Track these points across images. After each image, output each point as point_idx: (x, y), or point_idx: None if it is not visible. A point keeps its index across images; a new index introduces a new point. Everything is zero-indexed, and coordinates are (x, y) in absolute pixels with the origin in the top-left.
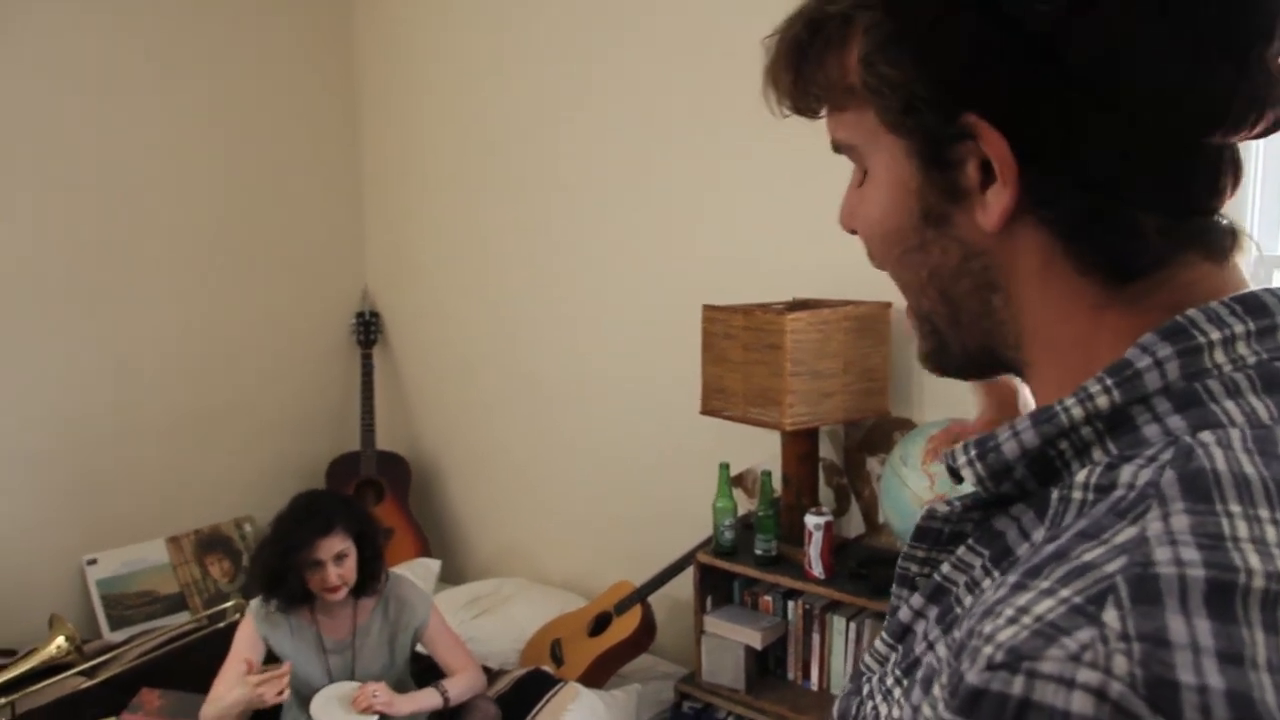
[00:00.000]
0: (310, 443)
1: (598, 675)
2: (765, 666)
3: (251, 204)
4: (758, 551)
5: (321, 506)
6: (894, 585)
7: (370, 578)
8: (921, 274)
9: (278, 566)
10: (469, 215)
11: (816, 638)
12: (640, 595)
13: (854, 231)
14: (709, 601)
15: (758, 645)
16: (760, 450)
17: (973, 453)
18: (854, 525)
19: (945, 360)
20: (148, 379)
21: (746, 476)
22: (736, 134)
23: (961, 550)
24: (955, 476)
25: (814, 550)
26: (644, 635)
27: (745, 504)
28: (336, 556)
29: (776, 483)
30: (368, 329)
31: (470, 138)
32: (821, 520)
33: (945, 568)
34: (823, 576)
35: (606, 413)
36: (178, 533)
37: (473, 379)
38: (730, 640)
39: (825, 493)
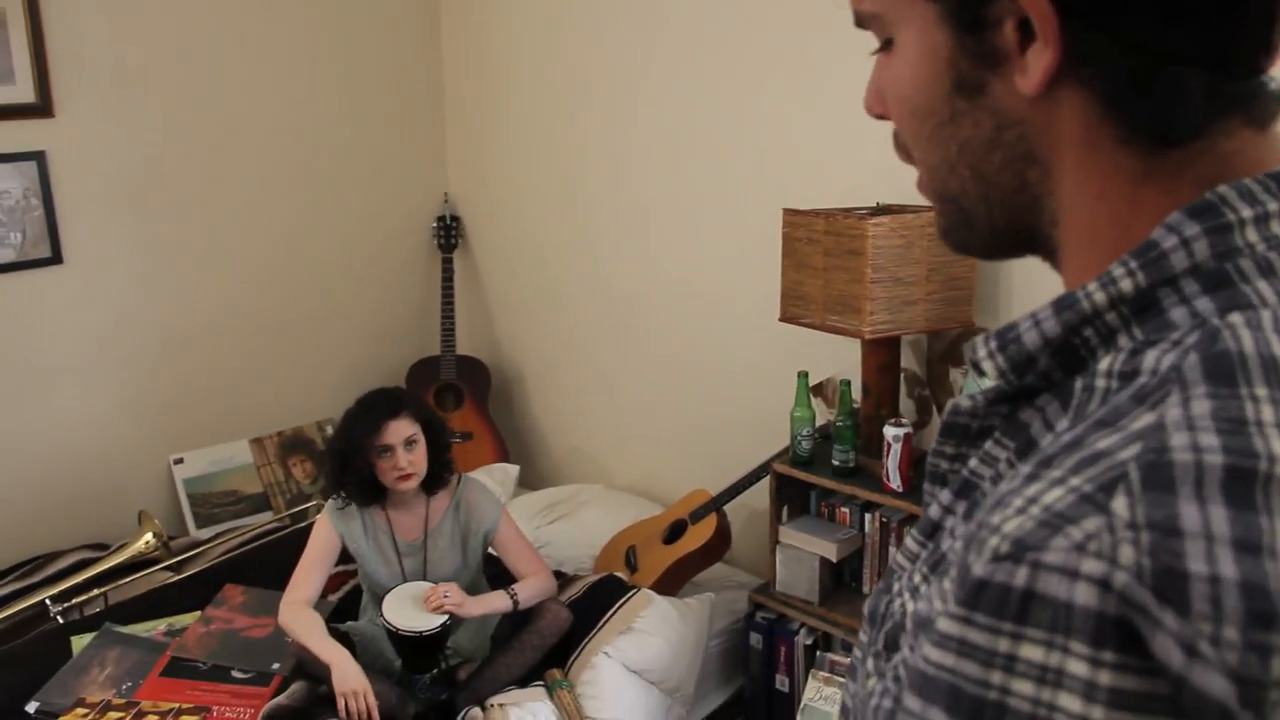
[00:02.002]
0: (391, 347)
1: (671, 583)
2: (840, 579)
3: (333, 110)
4: (835, 462)
5: (389, 393)
6: (925, 482)
7: (441, 470)
8: (951, 150)
9: (347, 450)
10: (551, 119)
11: (893, 551)
12: (716, 504)
13: (882, 116)
14: (785, 512)
15: (833, 557)
16: (840, 359)
17: (993, 344)
18: (934, 437)
19: (969, 239)
20: (234, 285)
21: (826, 386)
22: (822, 36)
23: (988, 444)
24: (978, 370)
25: (892, 462)
26: (719, 544)
27: (824, 414)
28: (406, 442)
29: (856, 392)
30: (448, 233)
31: (553, 40)
32: (901, 432)
33: (973, 462)
34: (901, 489)
35: (685, 318)
36: (262, 434)
37: (552, 284)
38: (805, 552)
39: (906, 404)
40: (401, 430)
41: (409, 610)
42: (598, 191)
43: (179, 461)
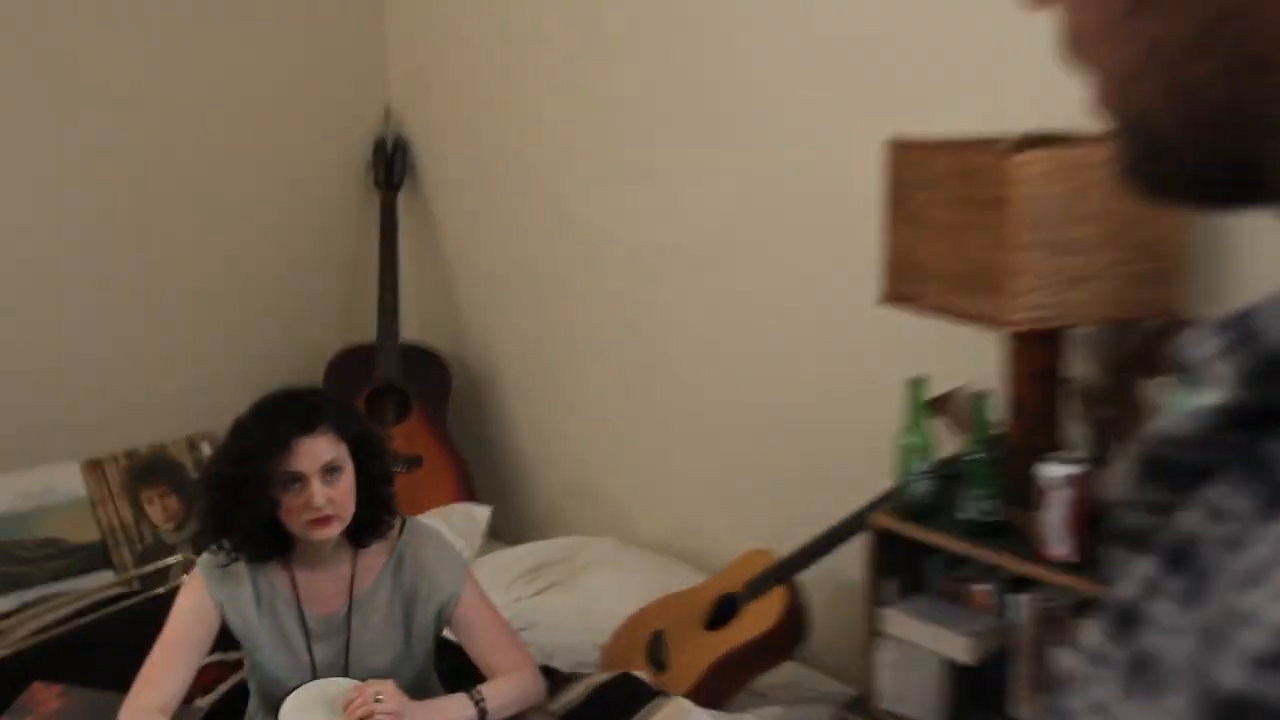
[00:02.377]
0: (304, 329)
1: (717, 689)
2: (976, 693)
3: None
4: (966, 515)
5: (299, 397)
6: (1110, 547)
7: (375, 515)
8: (1139, 51)
9: (235, 480)
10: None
11: (1061, 652)
12: (784, 572)
13: (1042, 4)
14: (890, 588)
15: (966, 659)
16: (973, 362)
17: (1222, 340)
18: (1124, 480)
19: (1165, 180)
20: (64, 236)
21: (951, 401)
22: None
23: (1215, 491)
24: (1193, 379)
25: (1056, 517)
26: (788, 633)
27: (948, 442)
28: (325, 469)
29: (998, 411)
30: (390, 165)
31: None
32: (1068, 471)
33: (1190, 517)
34: (1070, 558)
35: (735, 299)
36: (101, 454)
37: (543, 242)
38: (922, 650)
39: (1075, 430)
40: (318, 452)
41: None
42: (614, 101)
43: None
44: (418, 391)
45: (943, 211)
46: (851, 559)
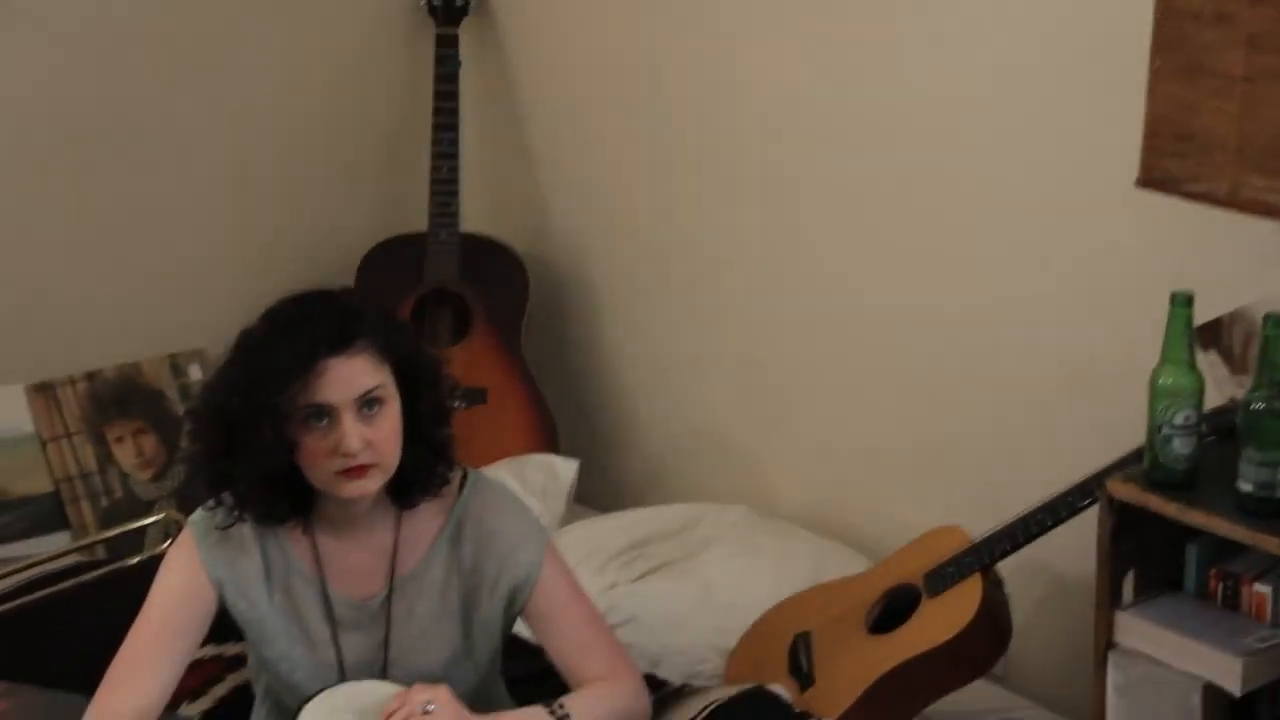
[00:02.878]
0: (330, 216)
1: (883, 712)
2: None
3: None
4: (1245, 487)
5: (333, 304)
6: None
7: (427, 466)
8: None
9: (240, 414)
10: None
11: None
12: (981, 559)
13: None
14: (1129, 583)
15: (1234, 688)
16: (1260, 276)
17: None
18: None
19: None
20: (29, 104)
21: (1229, 328)
22: None
23: None
24: None
25: None
26: (983, 641)
27: (1223, 385)
28: (362, 401)
29: None
30: None
31: None
32: None
33: None
34: None
35: (913, 188)
36: (54, 377)
37: (662, 105)
38: (1171, 671)
39: None
40: (353, 378)
41: None
42: None
43: None
44: (482, 301)
45: (1240, 58)
46: (1073, 544)
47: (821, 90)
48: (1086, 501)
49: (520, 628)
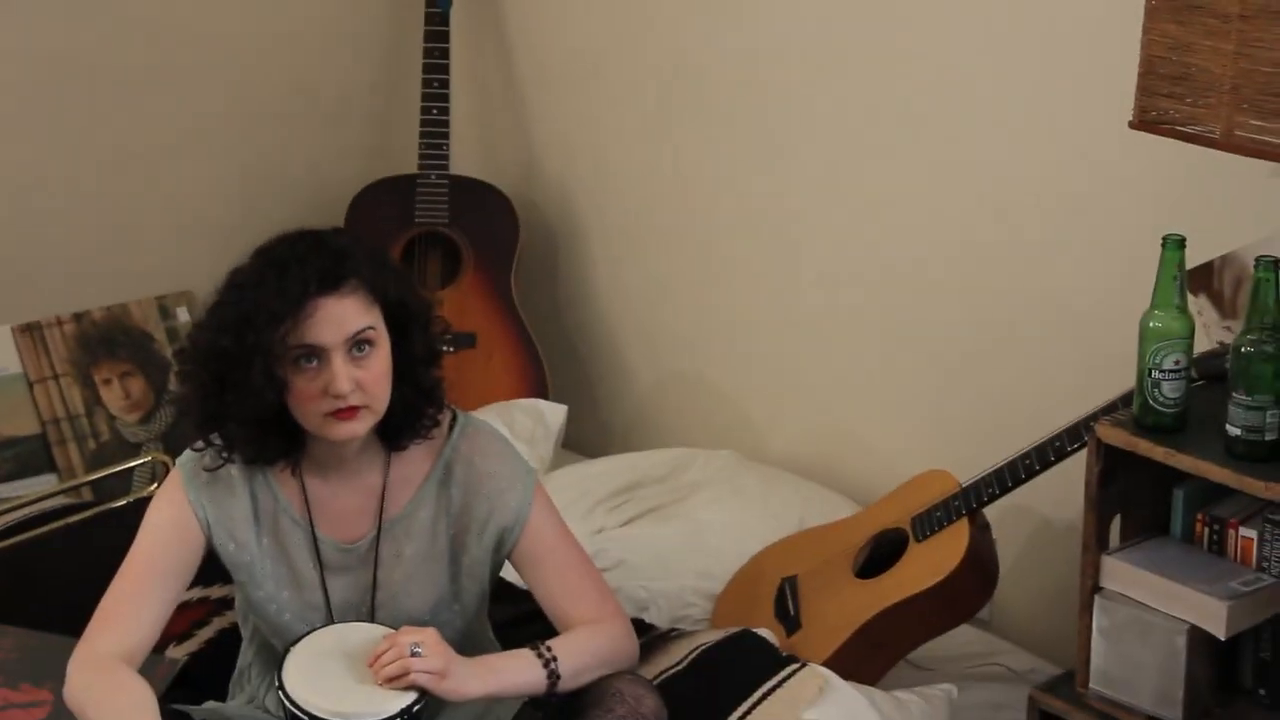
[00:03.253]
0: (316, 156)
1: (868, 656)
2: (1233, 678)
3: None
4: (1233, 430)
5: (324, 244)
6: None
7: (416, 408)
8: None
9: (229, 354)
10: None
11: None
12: (969, 503)
13: None
14: (1115, 527)
15: (1219, 633)
16: (1253, 219)
17: None
18: None
19: None
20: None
21: (1220, 271)
22: None
23: None
24: None
25: None
26: (970, 586)
27: (1212, 329)
28: (352, 342)
29: None
30: None
31: None
32: None
33: None
34: None
35: (905, 122)
36: (42, 316)
37: (651, 52)
38: (1156, 615)
39: None
40: (344, 318)
41: (337, 681)
42: None
43: None
44: (472, 244)
45: None
46: (1060, 488)
47: (812, 28)
48: (1075, 445)
49: (506, 572)
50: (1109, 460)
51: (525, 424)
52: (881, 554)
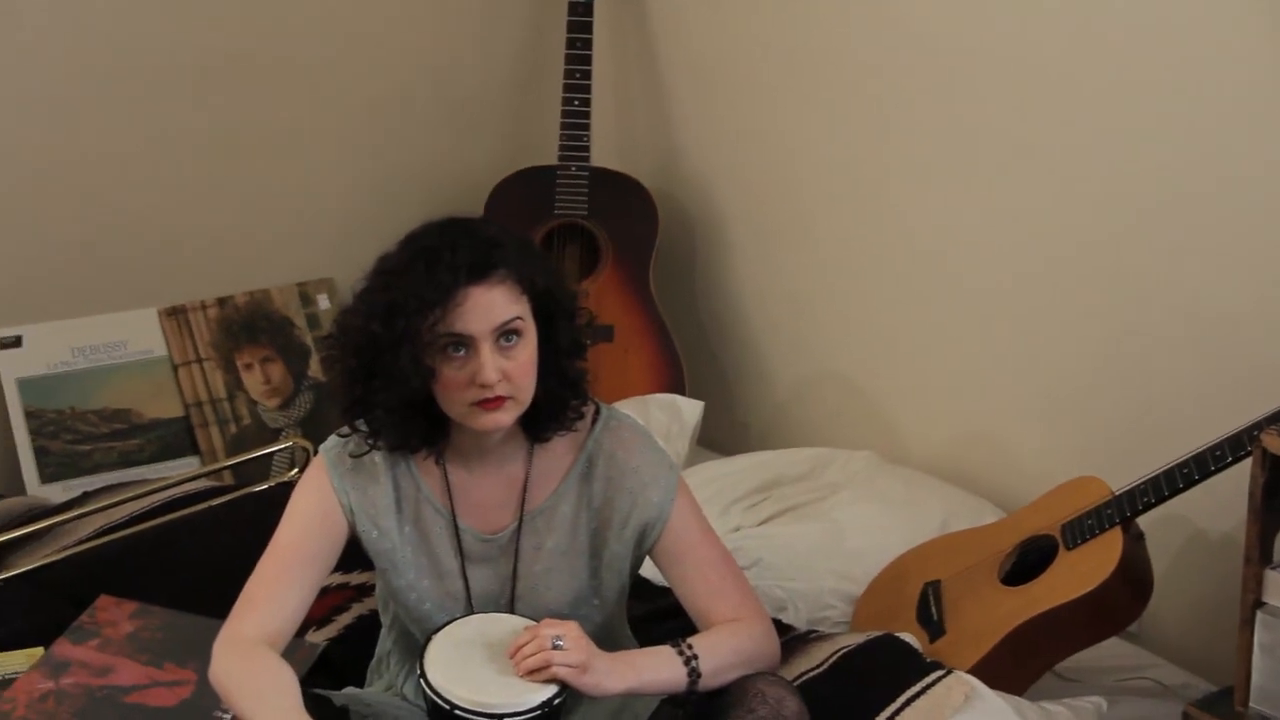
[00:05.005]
0: (458, 148)
1: (1014, 665)
2: None
3: None
4: None
5: (474, 232)
6: None
7: (561, 400)
8: None
9: (377, 341)
10: None
11: None
12: (1123, 512)
13: None
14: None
15: None
16: None
17: None
18: None
19: None
20: (164, 33)
21: None
22: None
23: None
24: None
25: None
26: (1122, 596)
27: None
28: (500, 332)
29: None
30: None
31: None
32: None
33: None
34: None
35: (1053, 134)
36: (187, 300)
37: (794, 48)
38: None
39: None
40: (493, 307)
41: (478, 671)
42: None
43: (11, 344)
44: (611, 236)
45: None
46: (1216, 497)
47: (956, 27)
48: (1237, 455)
49: (642, 567)
50: (1275, 471)
51: (661, 419)
52: (1029, 561)
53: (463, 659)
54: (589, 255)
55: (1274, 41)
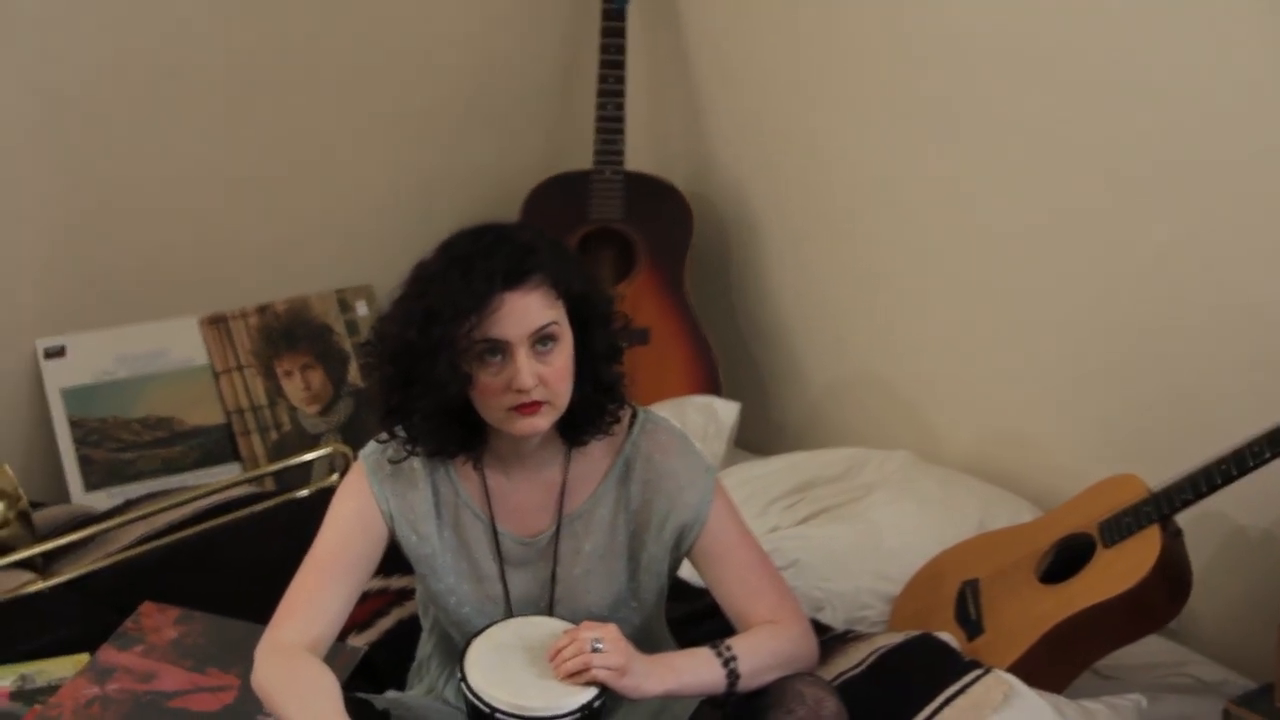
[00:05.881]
0: (494, 154)
1: (1053, 663)
2: None
3: None
4: None
5: (510, 238)
6: None
7: (597, 404)
8: None
9: (415, 347)
10: None
11: None
12: (1161, 509)
13: None
14: None
15: None
16: None
17: None
18: None
19: None
20: (202, 43)
21: None
22: None
23: None
24: None
25: None
26: (1161, 594)
27: None
28: (537, 338)
29: None
30: None
31: None
32: None
33: None
34: None
35: (1087, 129)
36: (227, 309)
37: (827, 50)
38: None
39: None
40: (529, 313)
41: (518, 675)
42: None
43: (55, 354)
44: (646, 240)
45: None
46: (1255, 494)
47: (995, 23)
48: (1277, 451)
49: (680, 569)
50: None
51: (698, 421)
52: (1066, 560)
53: (503, 662)
54: (624, 259)
55: None
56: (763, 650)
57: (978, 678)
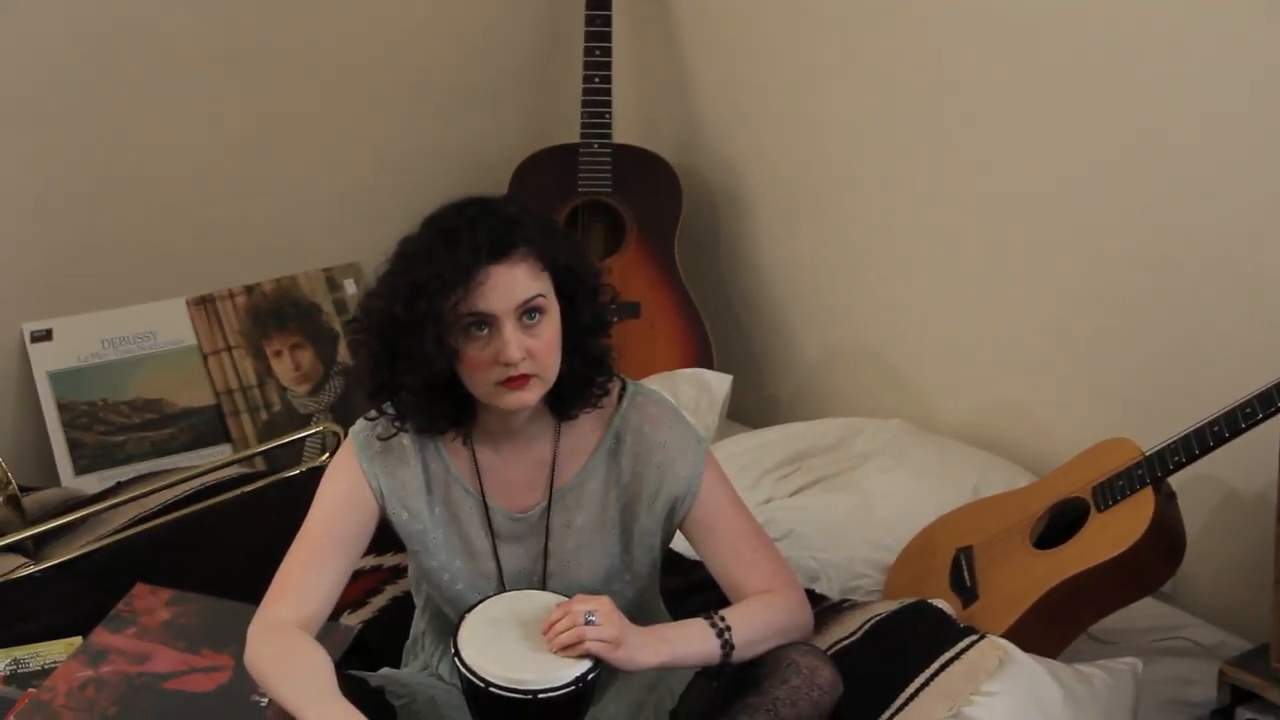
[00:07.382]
0: (481, 127)
1: (1047, 628)
2: None
3: None
4: None
5: (495, 211)
6: None
7: (586, 377)
8: None
9: (401, 323)
10: None
11: None
12: (1154, 471)
13: None
14: None
15: None
16: None
17: None
18: None
19: None
20: (187, 16)
21: None
22: None
23: None
24: None
25: None
26: (1155, 557)
27: None
28: (523, 310)
29: None
30: None
31: None
32: None
33: None
34: None
35: (1079, 95)
36: (214, 289)
37: (813, 19)
38: None
39: None
40: (514, 286)
41: (512, 649)
42: None
43: (42, 337)
44: (635, 213)
45: None
46: (1248, 455)
47: None
48: (1268, 412)
49: (673, 541)
50: None
51: (690, 394)
52: (1060, 524)
53: (496, 637)
54: (614, 232)
55: None
56: (757, 621)
57: (973, 644)
